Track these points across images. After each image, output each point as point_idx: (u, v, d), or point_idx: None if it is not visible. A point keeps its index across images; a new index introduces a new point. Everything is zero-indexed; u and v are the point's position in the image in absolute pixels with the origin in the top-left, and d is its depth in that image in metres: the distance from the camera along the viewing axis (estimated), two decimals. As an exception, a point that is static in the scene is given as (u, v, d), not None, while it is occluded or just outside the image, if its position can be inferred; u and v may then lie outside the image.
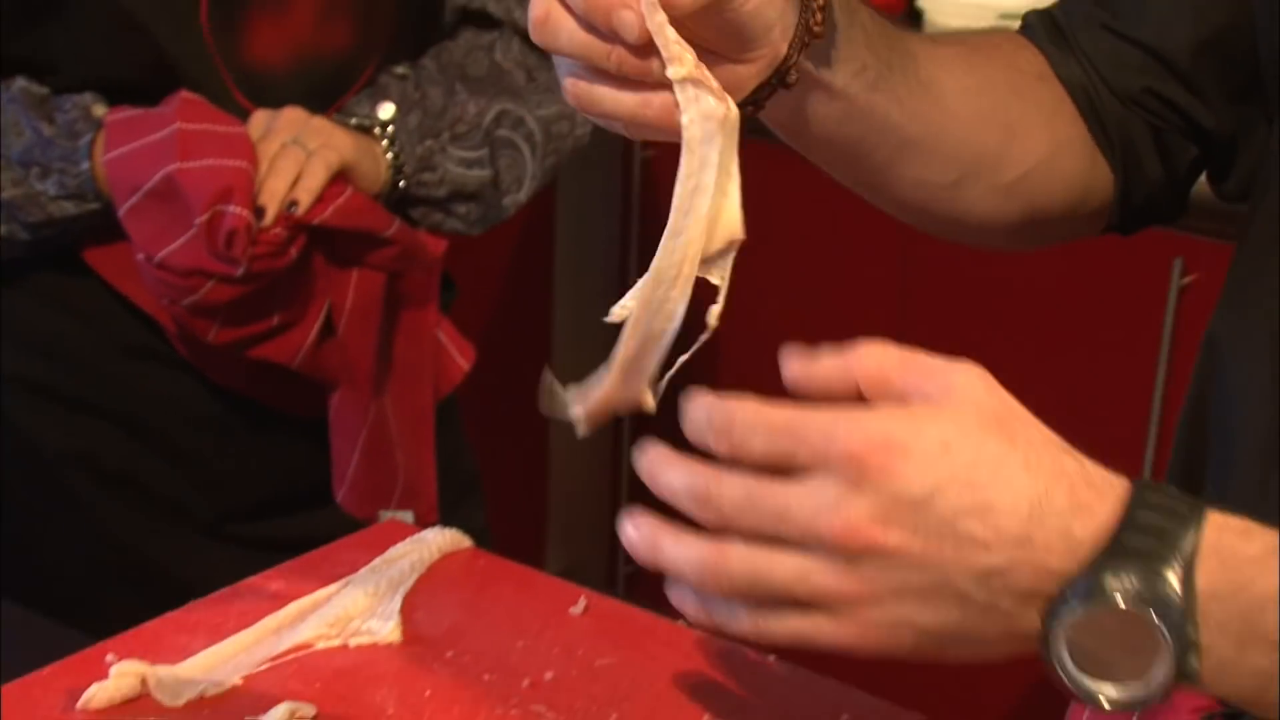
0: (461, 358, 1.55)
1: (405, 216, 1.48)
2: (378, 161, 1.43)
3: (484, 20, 1.52)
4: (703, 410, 0.72)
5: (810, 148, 0.94)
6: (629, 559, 0.72)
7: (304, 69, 1.45)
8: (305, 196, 1.35)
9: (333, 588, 1.02)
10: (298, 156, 1.36)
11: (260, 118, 1.40)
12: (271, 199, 1.34)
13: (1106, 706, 0.69)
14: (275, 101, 1.44)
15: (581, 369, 2.58)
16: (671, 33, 0.74)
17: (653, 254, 0.81)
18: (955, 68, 0.99)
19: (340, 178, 1.38)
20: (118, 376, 1.46)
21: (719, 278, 0.81)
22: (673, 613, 1.03)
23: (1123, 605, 0.66)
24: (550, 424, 2.77)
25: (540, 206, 2.61)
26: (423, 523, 1.33)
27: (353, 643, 0.98)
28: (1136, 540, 0.67)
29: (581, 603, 1.01)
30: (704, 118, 0.77)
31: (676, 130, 0.78)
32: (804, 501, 0.68)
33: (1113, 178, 1.04)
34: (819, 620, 0.71)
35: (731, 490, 0.70)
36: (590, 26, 0.75)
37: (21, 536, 1.50)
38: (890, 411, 0.69)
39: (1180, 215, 1.07)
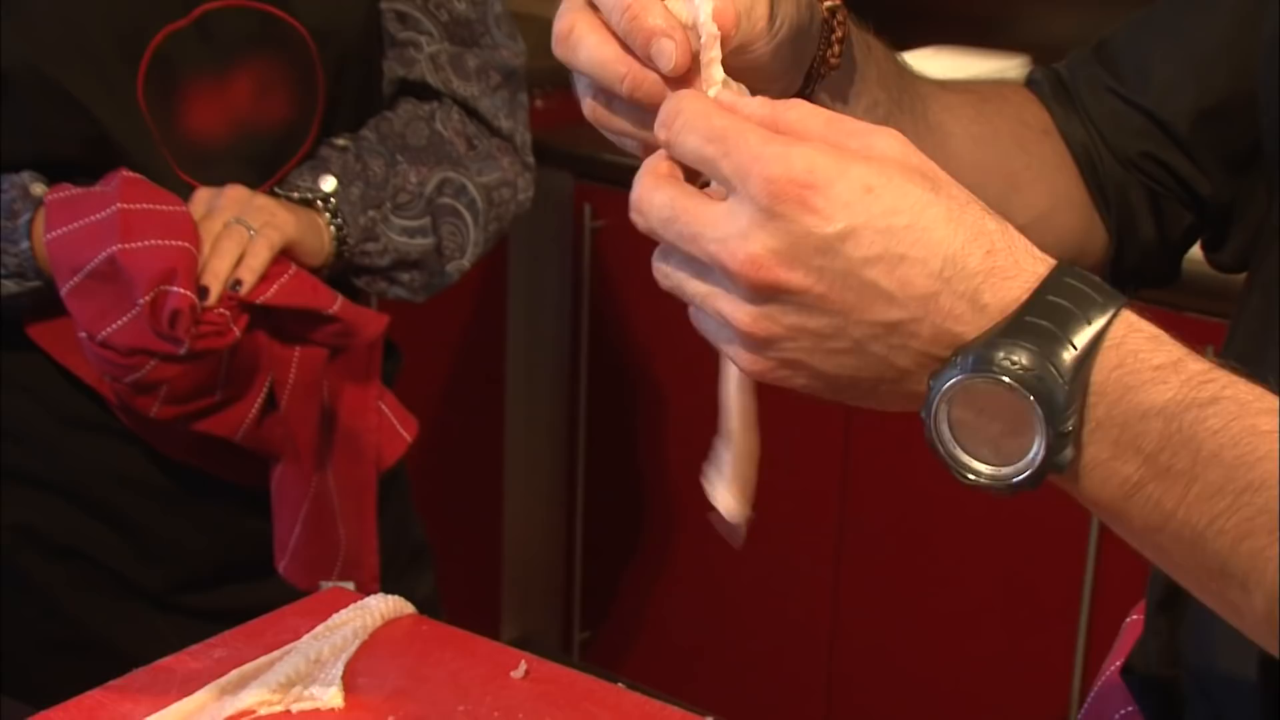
0: (404, 430, 1.55)
1: (350, 285, 1.48)
2: (321, 235, 1.44)
3: (423, 91, 1.54)
4: (668, 100, 0.71)
5: None
6: (584, 625, 0.73)
7: (243, 142, 1.46)
8: (249, 276, 1.36)
9: (276, 654, 1.03)
10: (241, 236, 1.37)
11: (203, 196, 1.40)
12: (215, 279, 1.35)
13: (970, 478, 0.68)
14: (215, 174, 1.45)
15: (534, 435, 2.56)
16: (719, 71, 0.74)
17: (603, 321, 0.82)
18: (964, 114, 0.99)
19: (283, 255, 1.38)
20: (62, 449, 1.46)
21: None
22: (616, 677, 1.05)
23: (1006, 381, 0.65)
24: (504, 490, 2.81)
25: (492, 275, 2.64)
26: (364, 592, 1.33)
27: (295, 708, 0.99)
28: (1040, 319, 0.66)
29: (522, 667, 1.02)
30: None
31: None
32: (716, 227, 0.67)
33: (1107, 238, 1.04)
34: (726, 339, 0.71)
35: (660, 199, 0.70)
36: (621, 47, 0.75)
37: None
38: (821, 146, 0.67)
39: (1173, 280, 1.07)
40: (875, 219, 0.65)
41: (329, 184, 1.46)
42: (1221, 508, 0.67)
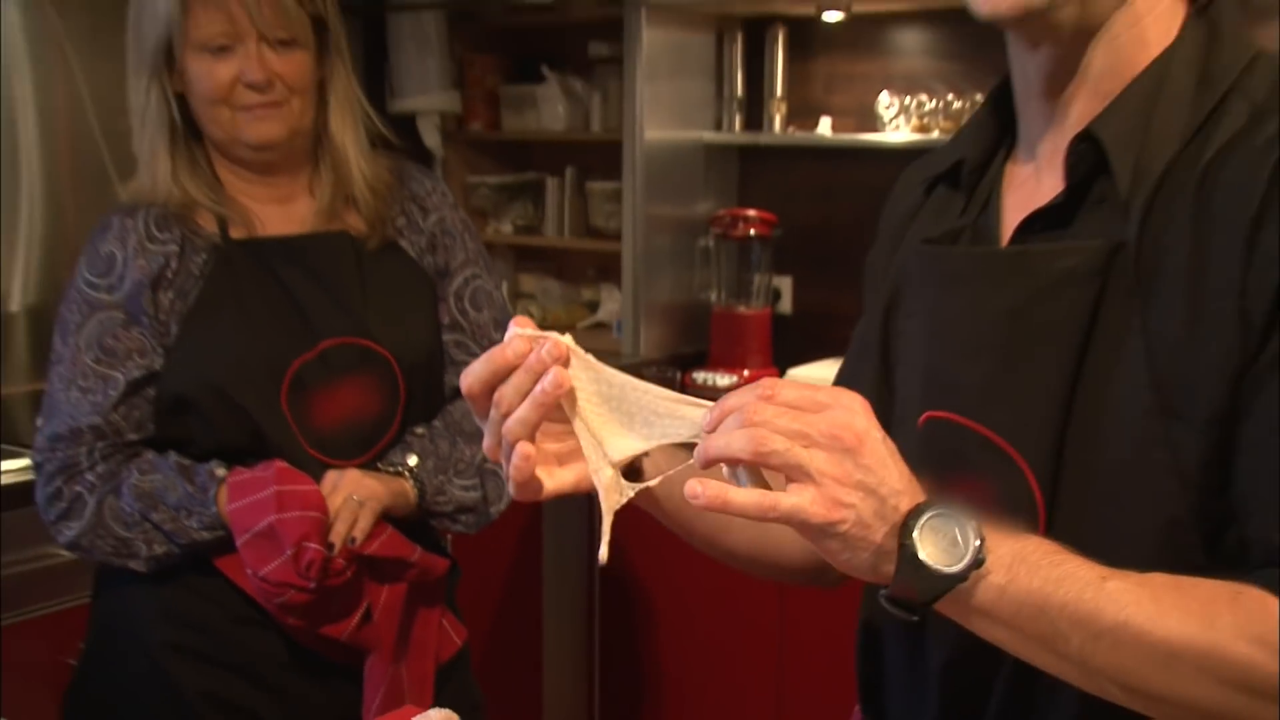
0: (456, 636, 1.59)
1: (425, 525, 1.53)
2: (407, 496, 1.49)
3: None
4: (764, 382, 0.81)
5: (666, 522, 1.04)
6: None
7: (350, 429, 1.50)
8: (360, 536, 1.43)
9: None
10: (354, 508, 1.44)
11: (331, 477, 1.46)
12: (338, 538, 1.42)
13: (945, 570, 0.79)
14: (333, 451, 1.49)
15: (563, 626, 2.55)
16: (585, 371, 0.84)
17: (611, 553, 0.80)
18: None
19: (381, 519, 1.45)
20: (236, 639, 1.50)
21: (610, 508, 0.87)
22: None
23: (952, 512, 0.79)
24: (544, 668, 2.81)
25: (531, 524, 2.71)
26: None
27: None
28: (939, 504, 0.80)
29: None
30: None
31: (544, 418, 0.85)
32: (833, 410, 0.79)
33: None
34: (802, 490, 0.78)
35: (792, 389, 0.80)
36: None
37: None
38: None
39: None
40: (886, 444, 0.80)
41: (413, 460, 1.51)
42: (1049, 592, 0.80)
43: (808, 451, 0.78)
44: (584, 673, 2.84)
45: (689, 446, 0.84)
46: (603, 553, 0.85)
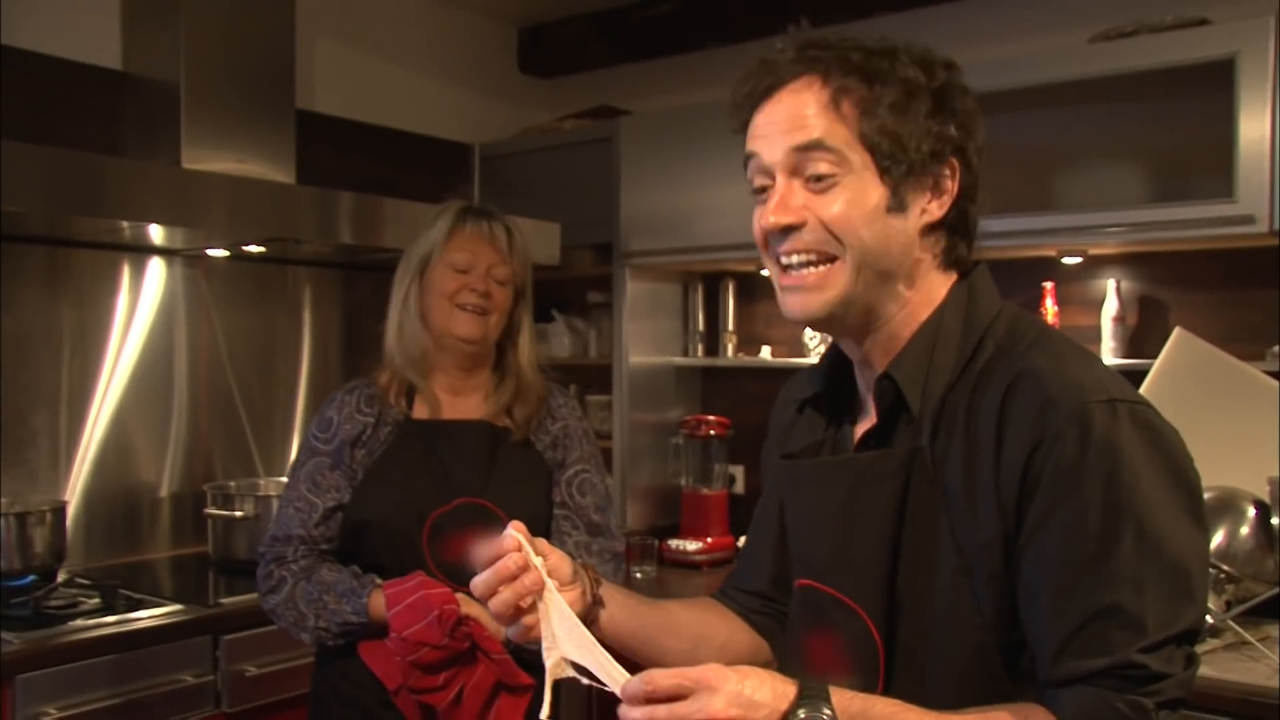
0: None
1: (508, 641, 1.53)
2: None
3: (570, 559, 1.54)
4: (648, 674, 0.83)
5: (619, 631, 1.08)
6: None
7: (467, 562, 1.44)
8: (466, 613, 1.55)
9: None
10: (466, 601, 1.56)
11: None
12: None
13: None
14: (456, 578, 1.58)
15: None
16: (539, 561, 0.92)
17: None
18: (678, 604, 1.15)
19: (481, 617, 1.57)
20: (376, 714, 1.65)
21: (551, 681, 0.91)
22: None
23: (821, 709, 0.83)
24: None
25: None
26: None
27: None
28: (809, 692, 0.84)
29: None
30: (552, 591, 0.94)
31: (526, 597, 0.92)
32: (693, 704, 0.81)
33: (769, 647, 1.17)
34: None
35: (661, 691, 0.82)
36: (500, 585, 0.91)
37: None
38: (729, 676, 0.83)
39: None
40: (740, 680, 0.84)
41: None
42: None
43: (687, 707, 0.82)
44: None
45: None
46: (544, 714, 0.93)
